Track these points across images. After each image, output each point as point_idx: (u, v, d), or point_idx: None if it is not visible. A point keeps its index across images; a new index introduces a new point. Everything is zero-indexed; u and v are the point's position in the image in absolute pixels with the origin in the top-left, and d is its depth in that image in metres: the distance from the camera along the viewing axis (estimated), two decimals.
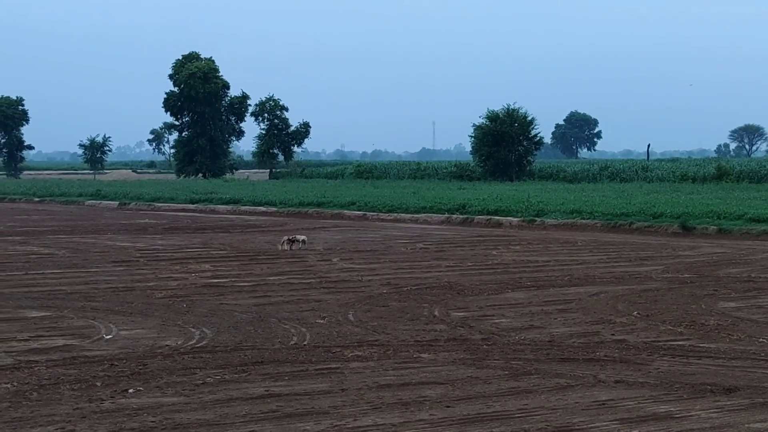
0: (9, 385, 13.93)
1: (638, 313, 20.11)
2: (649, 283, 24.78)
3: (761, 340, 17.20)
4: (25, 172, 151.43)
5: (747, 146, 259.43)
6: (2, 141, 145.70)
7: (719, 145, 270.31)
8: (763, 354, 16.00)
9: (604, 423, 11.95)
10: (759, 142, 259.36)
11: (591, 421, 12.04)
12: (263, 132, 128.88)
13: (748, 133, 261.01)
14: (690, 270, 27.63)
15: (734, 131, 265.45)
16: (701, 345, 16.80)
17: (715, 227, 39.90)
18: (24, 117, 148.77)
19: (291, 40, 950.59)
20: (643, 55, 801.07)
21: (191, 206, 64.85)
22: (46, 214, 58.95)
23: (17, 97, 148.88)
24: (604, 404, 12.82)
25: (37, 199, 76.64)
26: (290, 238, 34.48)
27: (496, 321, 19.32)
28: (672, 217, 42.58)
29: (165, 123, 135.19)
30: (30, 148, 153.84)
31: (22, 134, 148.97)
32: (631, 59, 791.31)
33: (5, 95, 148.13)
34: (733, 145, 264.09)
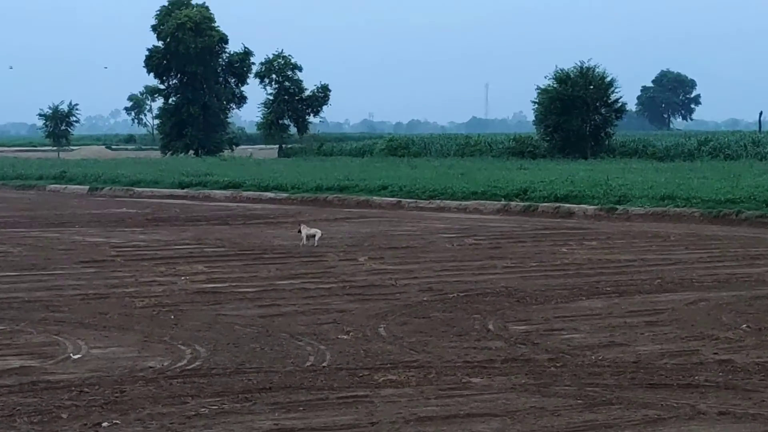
0: None
1: (748, 327, 20.08)
2: (762, 288, 24.74)
3: None
4: None
5: None
6: None
7: None
8: None
9: None
10: None
11: None
12: (270, 98, 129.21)
13: None
14: None
15: None
16: None
17: None
18: None
19: None
20: (756, 4, 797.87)
21: (180, 192, 65.17)
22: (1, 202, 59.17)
23: None
24: None
25: None
26: (307, 230, 34.39)
27: (567, 336, 19.36)
28: None
29: (147, 87, 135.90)
30: None
31: None
32: (739, 8, 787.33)
33: None
34: None
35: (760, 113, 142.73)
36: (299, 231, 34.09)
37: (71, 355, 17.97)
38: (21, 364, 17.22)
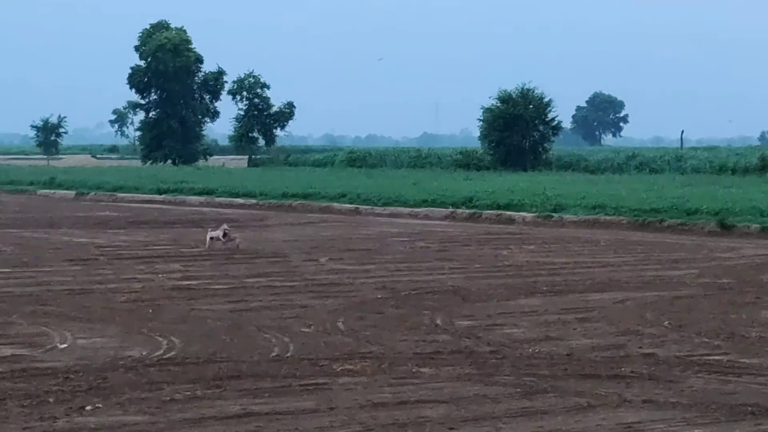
0: None
1: (670, 323, 20.15)
2: (682, 289, 24.82)
3: None
4: None
5: None
6: None
7: (763, 132, 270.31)
8: None
9: None
10: None
11: None
12: (241, 113, 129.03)
13: None
14: (729, 274, 27.69)
15: None
16: (741, 360, 16.83)
17: (758, 226, 39.92)
18: None
19: (274, 10, 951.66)
20: (678, 32, 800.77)
21: (159, 197, 64.87)
22: None
23: None
24: (630, 427, 12.84)
25: None
26: (224, 232, 33.81)
27: (507, 331, 19.37)
28: (709, 214, 42.64)
29: (129, 102, 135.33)
30: None
31: None
32: (664, 36, 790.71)
33: None
34: None
35: (682, 132, 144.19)
36: (222, 236, 33.65)
37: (58, 344, 17.90)
38: (12, 353, 17.15)
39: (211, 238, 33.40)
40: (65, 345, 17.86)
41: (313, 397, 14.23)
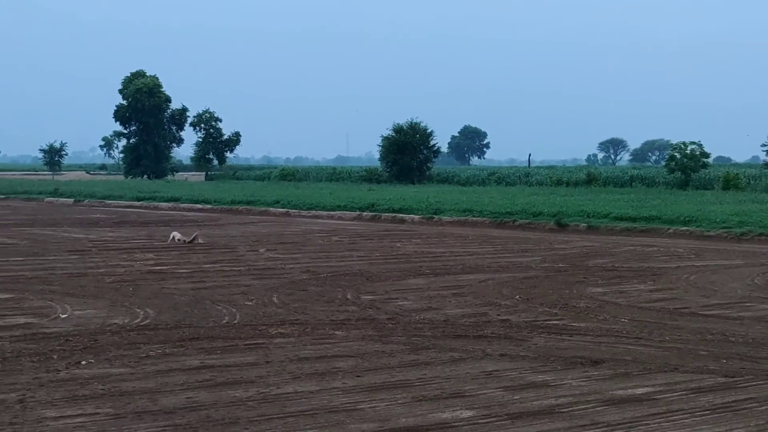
0: None
1: (520, 297, 20.26)
2: (529, 272, 24.98)
3: (623, 320, 17.44)
4: None
5: (612, 156, 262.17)
6: None
7: (589, 155, 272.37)
8: (624, 332, 16.22)
9: (491, 390, 12.04)
10: (622, 153, 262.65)
11: (479, 388, 12.12)
12: (200, 140, 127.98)
13: (613, 145, 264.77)
14: (564, 260, 27.91)
15: (602, 143, 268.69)
16: (573, 324, 16.99)
17: (585, 224, 40.38)
18: None
19: (226, 61, 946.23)
20: (527, 72, 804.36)
21: (137, 203, 64.30)
22: (10, 210, 58.05)
23: None
24: (490, 374, 12.91)
25: (2, 196, 75.48)
26: (186, 237, 33.98)
27: (400, 303, 19.36)
28: (549, 216, 43.02)
29: (115, 131, 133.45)
30: None
31: None
32: (516, 76, 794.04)
33: None
34: (600, 155, 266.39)
35: (529, 155, 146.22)
36: (180, 237, 33.70)
37: (60, 315, 17.69)
38: (25, 321, 16.93)
39: (174, 238, 33.37)
40: (65, 315, 17.66)
41: (254, 354, 14.19)
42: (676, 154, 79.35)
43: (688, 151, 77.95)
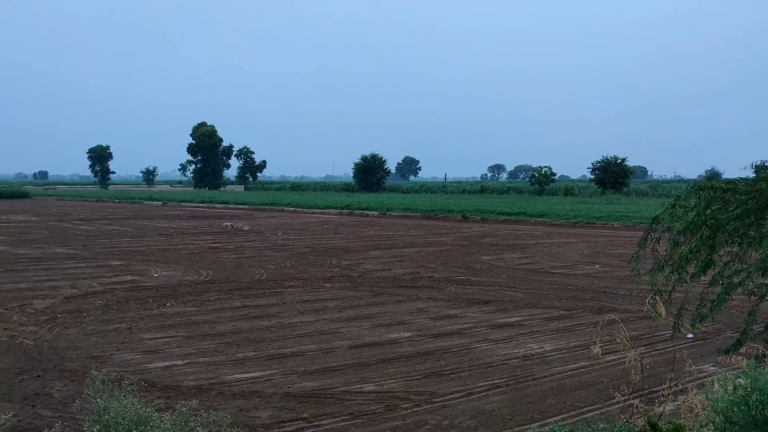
0: (101, 301, 13.67)
1: (439, 262, 20.33)
2: (445, 246, 25.06)
3: (502, 276, 17.53)
4: (110, 186, 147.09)
5: (496, 175, 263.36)
6: (97, 170, 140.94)
7: (482, 174, 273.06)
8: (503, 283, 16.31)
9: (421, 319, 12.10)
10: (502, 173, 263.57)
11: (414, 318, 12.18)
12: (240, 165, 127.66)
13: (496, 168, 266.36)
14: (466, 240, 28.00)
15: (490, 167, 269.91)
16: (472, 278, 17.07)
17: (479, 217, 40.48)
18: (109, 156, 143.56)
19: (259, 106, 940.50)
20: (446, 113, 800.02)
21: (202, 205, 63.73)
22: (120, 209, 57.47)
23: (106, 145, 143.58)
24: (421, 309, 12.97)
25: (117, 201, 74.65)
26: (234, 225, 33.96)
27: (365, 266, 19.38)
28: (457, 212, 43.10)
29: (188, 160, 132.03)
30: (112, 173, 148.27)
31: (108, 165, 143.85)
32: (439, 118, 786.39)
33: (99, 144, 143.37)
34: (489, 174, 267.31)
35: (445, 174, 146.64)
36: (231, 225, 33.77)
37: (153, 274, 17.57)
38: (131, 278, 16.81)
39: (225, 225, 33.26)
40: (156, 275, 17.54)
41: (274, 298, 14.16)
42: (535, 173, 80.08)
43: (542, 172, 78.73)
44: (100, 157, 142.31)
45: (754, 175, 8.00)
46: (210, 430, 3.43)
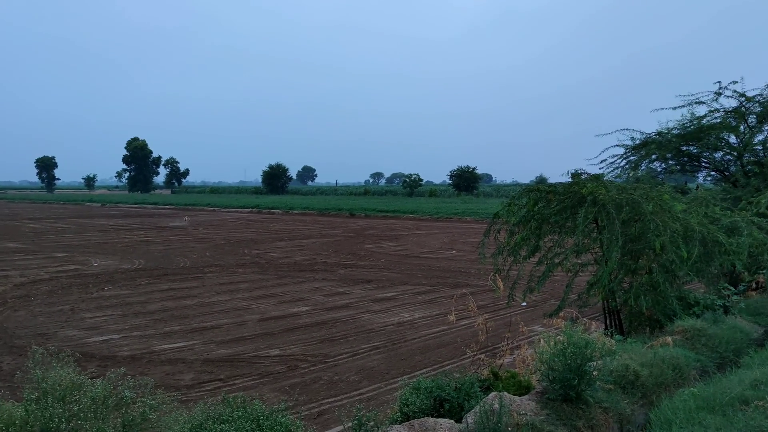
0: (47, 287, 12.88)
1: (332, 250, 20.24)
2: (336, 237, 25.00)
3: (381, 260, 17.64)
4: (56, 190, 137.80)
5: (377, 180, 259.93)
6: (44, 176, 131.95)
7: (366, 180, 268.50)
8: (382, 266, 16.39)
9: (317, 296, 12.02)
10: (381, 179, 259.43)
11: (311, 295, 12.09)
12: (168, 173, 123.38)
13: (377, 175, 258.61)
14: (353, 232, 28.03)
15: (372, 174, 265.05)
16: (358, 263, 17.10)
17: (363, 213, 40.65)
18: (55, 165, 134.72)
19: (184, 123, 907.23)
20: (337, 127, 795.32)
21: (135, 206, 60.94)
22: (66, 210, 54.11)
23: (51, 156, 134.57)
24: (317, 288, 12.88)
25: (62, 203, 70.32)
26: (189, 219, 32.77)
27: (271, 254, 19.08)
28: (345, 209, 43.15)
29: (123, 168, 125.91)
30: (57, 179, 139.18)
31: (54, 173, 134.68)
32: (333, 133, 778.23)
33: (45, 155, 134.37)
34: (371, 180, 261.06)
35: (336, 180, 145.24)
36: (187, 218, 32.59)
37: (93, 264, 16.68)
38: (74, 267, 15.85)
39: (185, 219, 31.99)
40: (96, 264, 16.57)
41: (196, 281, 13.70)
42: (406, 179, 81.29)
43: (412, 178, 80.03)
44: (46, 165, 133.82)
45: (570, 179, 8.40)
46: (136, 393, 3.28)
